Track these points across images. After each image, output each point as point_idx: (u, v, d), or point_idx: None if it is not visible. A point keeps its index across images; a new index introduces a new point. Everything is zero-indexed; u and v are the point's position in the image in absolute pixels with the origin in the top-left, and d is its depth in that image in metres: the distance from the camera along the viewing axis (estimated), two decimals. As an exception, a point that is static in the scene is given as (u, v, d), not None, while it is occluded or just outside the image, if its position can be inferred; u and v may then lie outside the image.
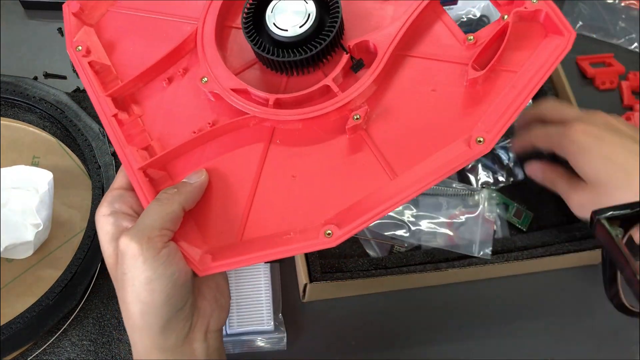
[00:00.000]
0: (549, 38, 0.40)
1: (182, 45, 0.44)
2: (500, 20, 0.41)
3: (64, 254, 0.58)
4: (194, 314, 0.40)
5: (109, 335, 0.56)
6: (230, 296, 0.44)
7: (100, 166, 0.62)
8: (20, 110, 0.66)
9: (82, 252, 0.57)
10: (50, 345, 0.55)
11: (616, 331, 0.59)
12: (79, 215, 0.60)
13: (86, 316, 0.56)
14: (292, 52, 0.41)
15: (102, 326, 0.56)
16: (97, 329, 0.56)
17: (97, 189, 0.60)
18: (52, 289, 0.55)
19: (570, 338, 0.59)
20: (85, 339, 0.55)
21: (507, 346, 0.58)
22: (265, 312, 0.56)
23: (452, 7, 0.71)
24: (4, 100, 0.65)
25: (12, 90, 0.65)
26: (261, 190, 0.41)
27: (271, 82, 0.44)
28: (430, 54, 0.43)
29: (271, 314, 0.56)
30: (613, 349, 0.58)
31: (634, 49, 0.76)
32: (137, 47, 0.46)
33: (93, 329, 0.56)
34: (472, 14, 0.72)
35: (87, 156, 0.62)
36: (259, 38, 0.42)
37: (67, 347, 0.55)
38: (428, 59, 0.43)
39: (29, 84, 0.66)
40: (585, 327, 0.59)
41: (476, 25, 0.71)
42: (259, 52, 0.42)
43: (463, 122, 0.39)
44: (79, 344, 0.55)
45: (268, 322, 0.56)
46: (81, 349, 0.55)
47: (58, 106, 0.65)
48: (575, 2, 0.78)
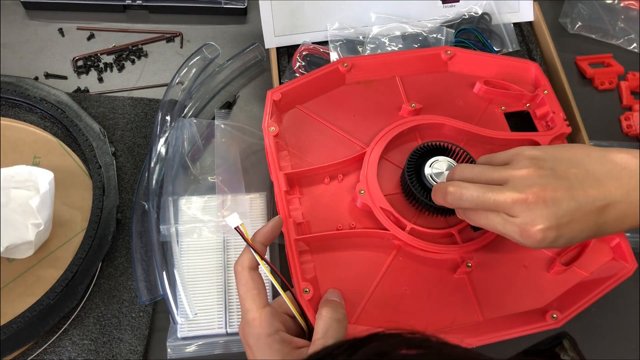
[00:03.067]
0: (615, 260, 0.54)
1: (352, 160, 0.55)
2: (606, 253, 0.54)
3: (65, 254, 0.58)
4: None
5: (110, 335, 0.56)
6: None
7: (100, 166, 0.62)
8: (21, 111, 0.66)
9: (82, 252, 0.57)
10: (51, 345, 0.55)
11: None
12: (79, 215, 0.60)
13: (87, 316, 0.57)
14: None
15: (103, 325, 0.56)
16: (97, 328, 0.56)
17: (97, 189, 0.61)
18: (53, 289, 0.55)
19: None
20: (86, 338, 0.56)
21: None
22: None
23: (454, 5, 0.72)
24: (4, 100, 0.65)
25: (13, 91, 0.65)
26: (378, 291, 0.51)
27: (406, 209, 0.54)
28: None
29: (271, 313, 0.56)
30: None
31: (633, 49, 0.76)
32: (311, 142, 0.57)
33: (94, 328, 0.56)
34: (474, 12, 0.72)
35: (88, 156, 0.62)
36: (418, 184, 0.52)
37: (67, 346, 0.55)
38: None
39: (30, 84, 0.67)
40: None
41: (477, 22, 0.71)
42: (420, 196, 0.51)
43: (539, 296, 0.52)
44: (79, 343, 0.55)
45: (268, 321, 0.56)
46: (82, 348, 0.55)
47: (59, 106, 0.65)
48: (574, 2, 0.78)
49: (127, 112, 0.68)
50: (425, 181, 0.51)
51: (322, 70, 0.59)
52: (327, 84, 0.60)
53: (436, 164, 0.51)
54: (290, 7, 0.67)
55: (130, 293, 0.58)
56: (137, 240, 0.59)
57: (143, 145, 0.66)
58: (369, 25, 0.69)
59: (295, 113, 0.59)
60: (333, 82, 0.60)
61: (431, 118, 0.58)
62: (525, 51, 0.73)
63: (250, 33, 0.75)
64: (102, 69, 0.71)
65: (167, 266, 0.57)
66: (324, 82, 0.60)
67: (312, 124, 0.58)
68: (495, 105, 0.61)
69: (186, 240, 0.59)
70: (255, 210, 0.61)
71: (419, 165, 0.52)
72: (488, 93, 0.61)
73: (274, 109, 0.57)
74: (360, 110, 0.59)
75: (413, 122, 0.57)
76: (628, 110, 0.72)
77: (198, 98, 0.69)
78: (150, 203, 0.60)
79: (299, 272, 0.49)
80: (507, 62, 0.63)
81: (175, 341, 0.55)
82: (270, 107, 0.56)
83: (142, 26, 0.75)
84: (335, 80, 0.60)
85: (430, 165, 0.51)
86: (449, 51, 0.62)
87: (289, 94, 0.58)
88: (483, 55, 0.63)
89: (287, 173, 0.54)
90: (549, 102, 0.60)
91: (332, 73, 0.60)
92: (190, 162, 0.64)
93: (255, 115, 0.70)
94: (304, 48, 0.67)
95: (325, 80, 0.60)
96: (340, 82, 0.61)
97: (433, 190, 0.48)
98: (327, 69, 0.59)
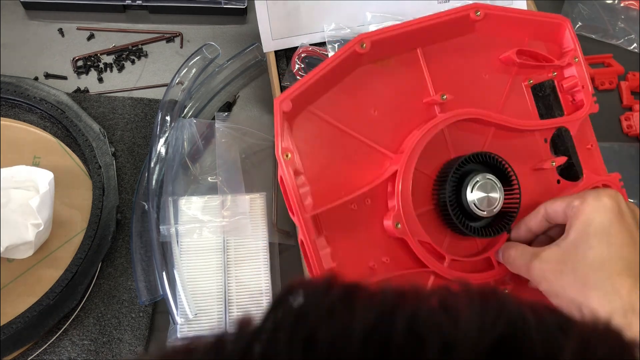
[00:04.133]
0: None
1: (383, 184, 0.47)
2: None
3: (65, 254, 0.58)
4: None
5: (110, 335, 0.56)
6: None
7: (100, 166, 0.62)
8: (21, 111, 0.66)
9: (82, 252, 0.57)
10: (51, 345, 0.55)
11: None
12: (79, 215, 0.60)
13: (87, 316, 0.57)
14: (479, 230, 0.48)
15: (103, 326, 0.56)
16: (97, 328, 0.56)
17: (97, 189, 0.61)
18: (53, 289, 0.55)
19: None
20: (86, 338, 0.56)
21: None
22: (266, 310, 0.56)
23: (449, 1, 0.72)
24: (4, 100, 0.65)
25: (13, 91, 0.65)
26: None
27: (436, 231, 0.49)
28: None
29: (271, 313, 0.56)
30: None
31: (633, 49, 0.76)
32: (328, 155, 0.48)
33: (94, 328, 0.56)
34: None
35: (88, 156, 0.62)
36: (461, 214, 0.47)
37: (67, 346, 0.55)
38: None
39: (30, 85, 0.67)
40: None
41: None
42: (464, 229, 0.47)
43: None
44: (79, 343, 0.55)
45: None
46: (82, 348, 0.55)
47: (59, 106, 0.65)
48: (574, 2, 0.78)
49: (127, 112, 0.68)
50: (467, 208, 0.47)
51: (336, 58, 0.47)
52: (340, 72, 0.49)
53: (478, 187, 0.47)
54: (286, 10, 0.67)
55: (130, 293, 0.58)
56: (137, 240, 0.59)
57: (143, 146, 0.66)
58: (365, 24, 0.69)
59: (306, 118, 0.48)
60: (347, 68, 0.49)
61: (465, 112, 0.50)
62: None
63: (250, 33, 0.75)
64: (102, 69, 0.71)
65: (167, 266, 0.57)
66: (336, 71, 0.48)
67: (327, 130, 0.48)
68: (521, 77, 0.54)
69: (186, 241, 0.59)
70: (255, 210, 0.61)
71: (459, 187, 0.48)
72: (516, 63, 0.54)
73: (285, 124, 0.46)
74: (381, 102, 0.50)
75: (446, 121, 0.49)
76: (628, 110, 0.72)
77: (198, 98, 0.69)
78: (150, 203, 0.60)
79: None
80: (539, 18, 0.55)
81: (175, 341, 0.55)
82: (281, 123, 0.46)
83: (142, 26, 0.75)
84: (350, 65, 0.49)
85: (472, 189, 0.47)
86: (478, 11, 0.52)
87: (299, 98, 0.46)
88: (515, 13, 0.54)
89: (314, 215, 0.45)
90: (579, 73, 0.54)
91: (348, 59, 0.48)
92: (190, 163, 0.64)
93: (255, 116, 0.70)
94: (302, 50, 0.67)
95: (339, 69, 0.48)
96: (355, 66, 0.50)
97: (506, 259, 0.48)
98: (341, 55, 0.48)
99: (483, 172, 0.47)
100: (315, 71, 0.47)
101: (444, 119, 0.49)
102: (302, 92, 0.47)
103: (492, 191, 0.47)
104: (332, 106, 0.49)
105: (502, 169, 0.48)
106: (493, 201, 0.47)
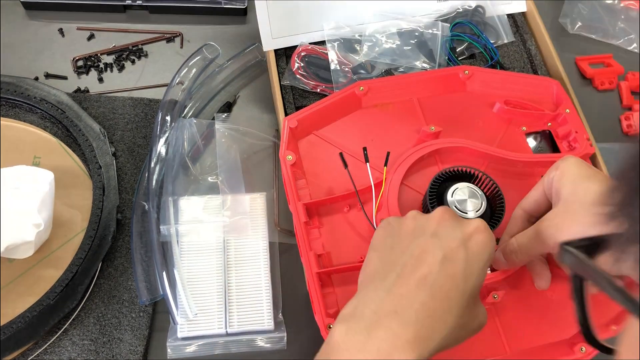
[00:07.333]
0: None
1: (366, 190, 0.54)
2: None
3: (65, 254, 0.58)
4: None
5: (110, 335, 0.56)
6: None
7: (100, 166, 0.62)
8: (21, 111, 0.66)
9: (82, 252, 0.57)
10: (51, 345, 0.55)
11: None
12: (79, 215, 0.60)
13: (87, 316, 0.57)
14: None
15: (103, 326, 0.56)
16: (97, 328, 0.56)
17: (97, 189, 0.61)
18: (53, 289, 0.55)
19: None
20: (86, 338, 0.56)
21: None
22: (265, 312, 0.56)
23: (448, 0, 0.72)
24: (5, 100, 0.65)
25: (13, 91, 0.65)
26: None
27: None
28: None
29: (271, 313, 0.56)
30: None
31: (633, 49, 0.76)
32: (328, 169, 0.57)
33: (94, 328, 0.56)
34: (467, 5, 0.72)
35: (88, 156, 0.62)
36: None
37: (67, 346, 0.55)
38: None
39: (30, 85, 0.67)
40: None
41: (472, 15, 0.71)
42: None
43: (567, 327, 0.50)
44: (79, 343, 0.55)
45: (268, 322, 0.56)
46: (82, 348, 0.55)
47: (59, 106, 0.65)
48: (574, 2, 0.78)
49: (127, 112, 0.68)
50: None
51: (338, 95, 0.59)
52: (343, 109, 0.60)
53: (458, 192, 0.50)
54: (286, 9, 0.68)
55: (130, 293, 0.58)
56: (137, 240, 0.59)
57: (143, 146, 0.66)
58: (364, 23, 0.69)
59: (312, 140, 0.59)
60: (349, 106, 0.60)
61: (451, 141, 0.56)
62: (520, 42, 0.72)
63: (250, 33, 0.75)
64: (102, 69, 0.71)
65: (167, 266, 0.57)
66: (340, 106, 0.59)
67: (328, 150, 0.58)
68: (515, 126, 0.60)
69: (186, 241, 0.59)
70: (255, 210, 0.61)
71: (440, 193, 0.51)
72: (508, 113, 0.60)
73: (291, 137, 0.57)
74: (378, 134, 0.59)
75: (432, 146, 0.56)
76: (628, 110, 0.72)
77: (198, 98, 0.69)
78: (150, 203, 0.60)
79: (322, 305, 0.48)
80: (527, 80, 0.62)
81: (175, 341, 0.55)
82: (287, 135, 0.56)
83: (142, 26, 0.75)
84: (352, 104, 0.60)
85: (452, 194, 0.50)
86: (466, 71, 0.61)
87: (305, 120, 0.57)
88: (501, 74, 0.62)
89: (306, 203, 0.53)
90: (571, 121, 0.59)
91: (348, 97, 0.59)
92: (190, 162, 0.64)
93: (255, 116, 0.70)
94: (302, 49, 0.67)
95: (342, 105, 0.59)
96: (356, 106, 0.60)
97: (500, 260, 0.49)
98: (343, 93, 0.59)
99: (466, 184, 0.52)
100: (322, 101, 0.58)
101: (431, 143, 0.56)
102: (308, 116, 0.57)
103: (473, 197, 0.50)
104: (335, 134, 0.59)
105: (482, 180, 0.51)
106: (474, 205, 0.50)
